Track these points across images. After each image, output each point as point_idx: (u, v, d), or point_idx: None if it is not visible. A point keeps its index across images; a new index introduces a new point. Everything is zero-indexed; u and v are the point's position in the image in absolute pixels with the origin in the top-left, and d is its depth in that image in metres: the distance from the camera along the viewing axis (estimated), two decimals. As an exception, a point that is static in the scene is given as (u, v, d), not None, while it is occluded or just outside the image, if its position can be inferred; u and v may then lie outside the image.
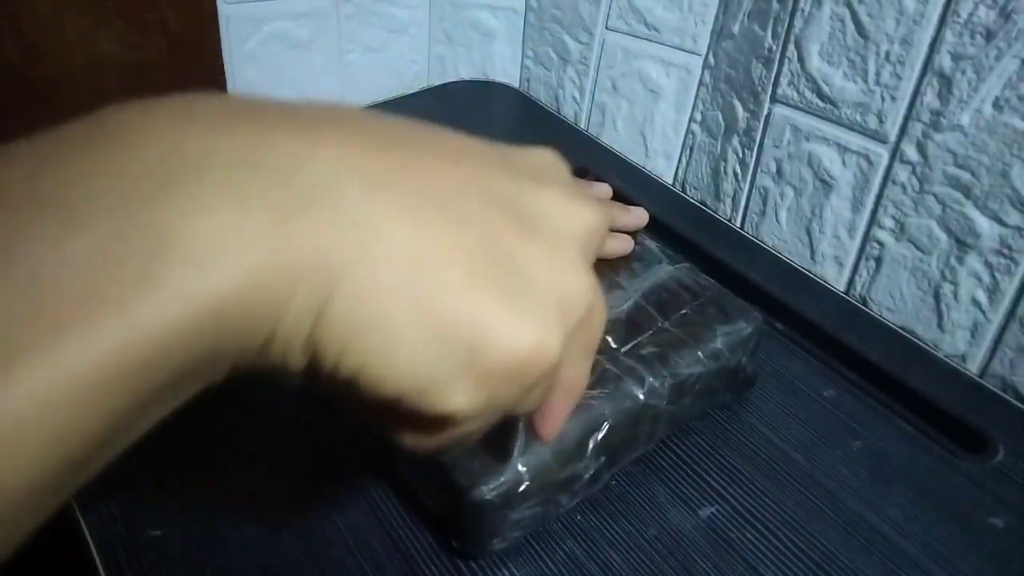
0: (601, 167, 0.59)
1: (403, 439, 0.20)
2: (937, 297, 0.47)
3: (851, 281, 0.51)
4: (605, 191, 0.44)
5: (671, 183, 0.61)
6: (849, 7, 0.46)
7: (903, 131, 0.46)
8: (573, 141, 0.64)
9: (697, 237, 0.52)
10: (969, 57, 0.42)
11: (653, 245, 0.42)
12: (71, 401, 0.14)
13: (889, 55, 0.45)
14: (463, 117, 0.65)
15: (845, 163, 0.49)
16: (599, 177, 0.57)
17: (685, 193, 0.60)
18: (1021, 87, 0.40)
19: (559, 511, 0.34)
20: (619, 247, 0.41)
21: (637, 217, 0.42)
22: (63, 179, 0.15)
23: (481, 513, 0.30)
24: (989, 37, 0.41)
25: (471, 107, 0.67)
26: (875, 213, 0.49)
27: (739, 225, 0.57)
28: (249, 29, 0.58)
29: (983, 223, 0.44)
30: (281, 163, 0.17)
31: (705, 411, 0.39)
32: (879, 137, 0.47)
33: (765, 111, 0.53)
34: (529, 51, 0.69)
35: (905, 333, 0.48)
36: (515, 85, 0.71)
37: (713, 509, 0.36)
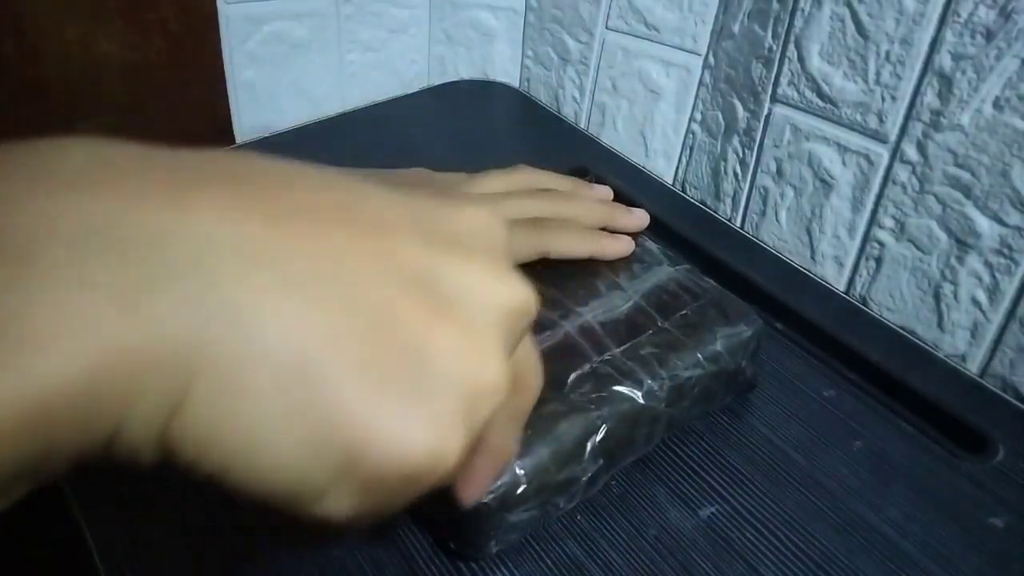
0: (601, 167, 0.59)
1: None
2: (937, 297, 0.47)
3: (851, 281, 0.51)
4: (606, 193, 0.44)
5: (671, 183, 0.61)
6: (849, 7, 0.46)
7: (903, 131, 0.46)
8: (573, 141, 0.64)
9: (697, 237, 0.52)
10: (969, 57, 0.42)
11: (654, 247, 0.42)
12: None
13: (889, 55, 0.45)
14: (463, 117, 0.65)
15: (845, 163, 0.49)
16: (599, 178, 0.57)
17: (685, 193, 0.60)
18: (1021, 87, 0.40)
19: (557, 514, 0.34)
20: (620, 248, 0.41)
21: (638, 219, 0.43)
22: None
23: (478, 516, 0.30)
24: (989, 37, 0.41)
25: (471, 107, 0.67)
26: (875, 213, 0.49)
27: (739, 225, 0.57)
28: (249, 29, 0.58)
29: (983, 223, 0.44)
30: (140, 234, 0.15)
31: (705, 413, 0.39)
32: (879, 137, 0.47)
33: (765, 111, 0.53)
34: (529, 51, 0.69)
35: (905, 333, 0.48)
36: (515, 85, 0.71)
37: (713, 509, 0.36)
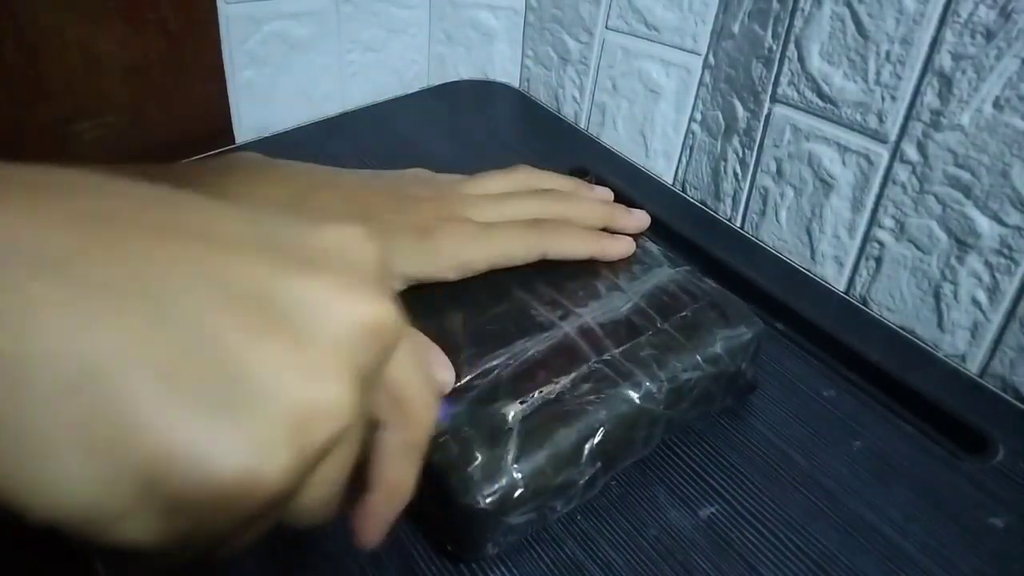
0: (601, 167, 0.59)
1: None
2: (937, 297, 0.47)
3: (851, 281, 0.51)
4: (606, 194, 0.44)
5: (671, 183, 0.61)
6: (849, 7, 0.46)
7: (903, 131, 0.46)
8: (573, 141, 0.64)
9: (697, 237, 0.52)
10: (969, 57, 0.42)
11: (654, 248, 0.42)
12: None
13: (889, 55, 0.45)
14: (463, 117, 0.65)
15: (845, 163, 0.49)
16: (600, 178, 0.57)
17: (685, 193, 0.60)
18: (1021, 87, 0.40)
19: (554, 516, 0.33)
20: (621, 249, 0.41)
21: (638, 219, 0.43)
22: None
23: (476, 519, 0.30)
24: (989, 37, 0.41)
25: (471, 107, 0.67)
26: (875, 213, 0.49)
27: (739, 225, 0.57)
28: (249, 29, 0.58)
29: (983, 223, 0.44)
30: None
31: (705, 415, 0.39)
32: (879, 137, 0.47)
33: (765, 111, 0.53)
34: (529, 51, 0.69)
35: (905, 333, 0.48)
36: (515, 85, 0.71)
37: (713, 509, 0.36)
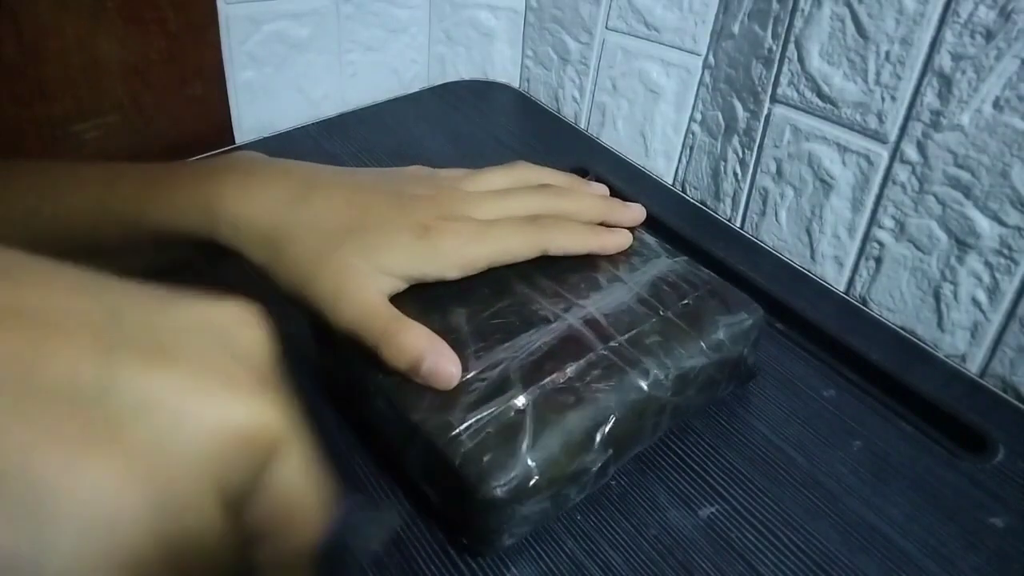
0: (601, 167, 0.59)
1: None
2: (937, 297, 0.47)
3: (851, 281, 0.51)
4: (602, 189, 0.44)
5: (671, 183, 0.61)
6: (849, 7, 0.46)
7: (903, 131, 0.46)
8: (573, 141, 0.64)
9: (697, 237, 0.52)
10: (969, 57, 0.42)
11: (651, 240, 0.43)
12: None
13: (889, 55, 0.45)
14: (463, 117, 0.65)
15: (845, 163, 0.49)
16: (600, 178, 0.57)
17: (685, 193, 0.60)
18: (1021, 87, 0.40)
19: (567, 505, 0.34)
20: (619, 242, 0.41)
21: (635, 213, 0.43)
22: None
23: (491, 509, 0.30)
24: (989, 37, 0.41)
25: (471, 107, 0.67)
26: (875, 213, 0.49)
27: (739, 225, 0.57)
28: (249, 29, 0.58)
29: (983, 223, 0.44)
30: None
31: (709, 402, 0.39)
32: (879, 137, 0.47)
33: (765, 111, 0.53)
34: (529, 51, 0.69)
35: (905, 333, 0.48)
36: (515, 85, 0.71)
37: (713, 509, 0.36)
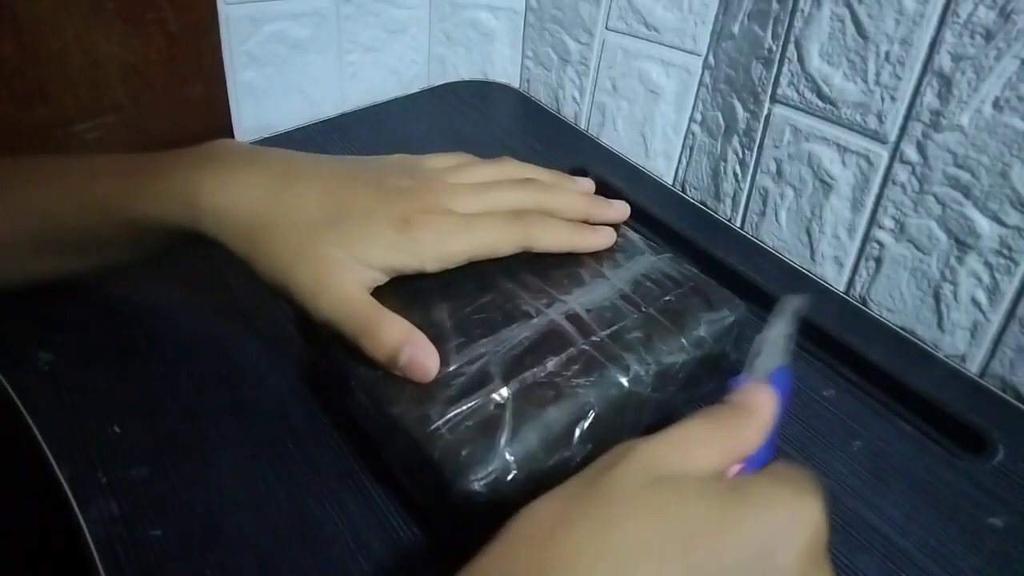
0: (601, 167, 0.59)
1: None
2: (937, 297, 0.47)
3: (851, 281, 0.51)
4: (588, 185, 0.44)
5: (671, 183, 0.61)
6: (849, 7, 0.46)
7: (903, 131, 0.46)
8: (573, 141, 0.64)
9: (697, 237, 0.52)
10: (969, 57, 0.42)
11: (635, 236, 0.43)
12: None
13: (889, 55, 0.45)
14: (463, 117, 0.65)
15: (845, 163, 0.49)
16: (600, 178, 0.57)
17: (685, 193, 0.60)
18: (1021, 87, 0.40)
19: None
20: (602, 241, 0.41)
21: (618, 210, 0.43)
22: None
23: (469, 502, 0.30)
24: (989, 37, 0.41)
25: (471, 107, 0.67)
26: (875, 213, 0.49)
27: (739, 225, 0.57)
28: (249, 29, 0.58)
29: (983, 223, 0.44)
30: None
31: (691, 399, 0.39)
32: (879, 137, 0.47)
33: (765, 111, 0.53)
34: (529, 51, 0.69)
35: (905, 333, 0.48)
36: (515, 85, 0.71)
37: (713, 509, 0.36)
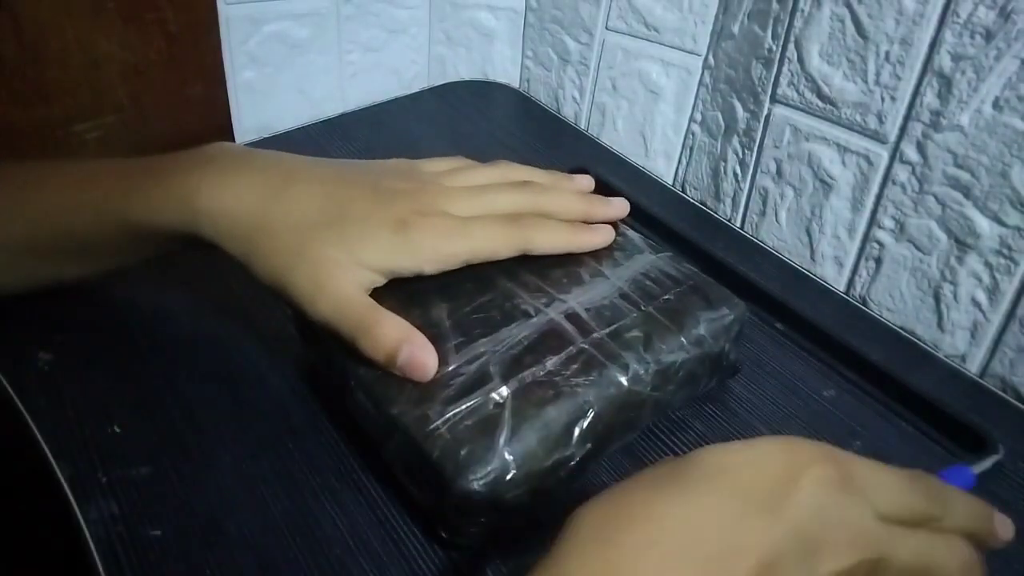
0: (601, 167, 0.59)
1: None
2: (937, 297, 0.47)
3: (851, 281, 0.51)
4: (587, 184, 0.43)
5: (671, 183, 0.61)
6: (849, 7, 0.46)
7: (903, 131, 0.46)
8: (573, 141, 0.64)
9: (697, 237, 0.52)
10: (969, 57, 0.42)
11: (635, 235, 0.43)
12: None
13: (889, 55, 0.45)
14: (463, 117, 0.65)
15: (845, 163, 0.49)
16: (600, 178, 0.57)
17: (685, 193, 0.60)
18: (1021, 87, 0.40)
19: (545, 500, 0.33)
20: (600, 240, 0.41)
21: (617, 208, 0.42)
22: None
23: (468, 502, 0.30)
24: (989, 37, 0.41)
25: (471, 107, 0.67)
26: (875, 213, 0.49)
27: (739, 225, 0.57)
28: (249, 29, 0.58)
29: (983, 223, 0.44)
30: None
31: (690, 398, 0.39)
32: (879, 137, 0.47)
33: (765, 111, 0.53)
34: (529, 51, 0.69)
35: (905, 333, 0.48)
36: (515, 85, 0.71)
37: (713, 509, 0.35)
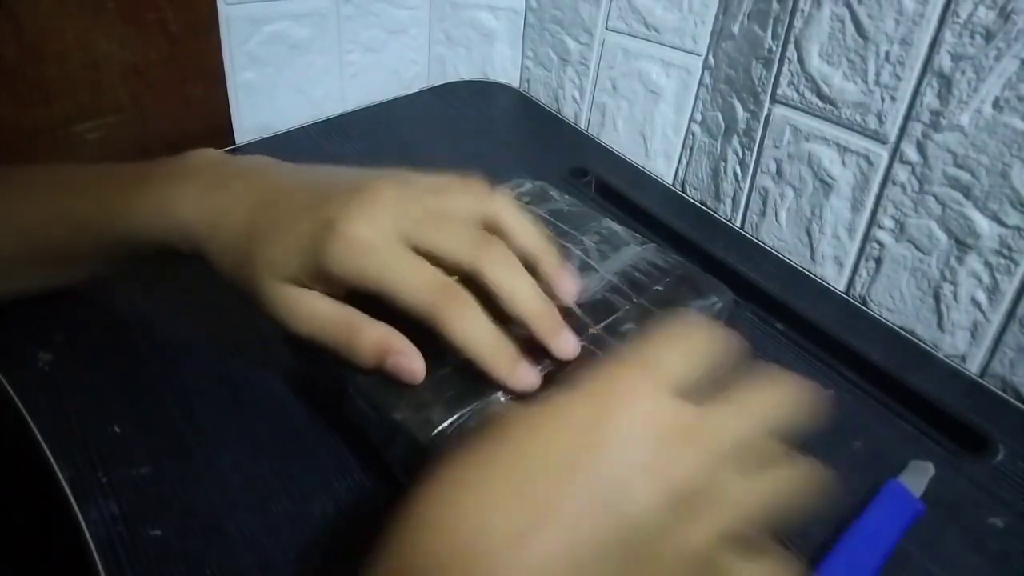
0: (601, 167, 0.59)
1: None
2: (937, 297, 0.47)
3: (851, 281, 0.51)
4: (570, 287, 0.34)
5: (671, 183, 0.61)
6: (849, 7, 0.46)
7: (903, 131, 0.46)
8: (573, 141, 0.64)
9: (697, 237, 0.52)
10: (969, 57, 0.42)
11: (618, 228, 0.43)
12: None
13: (889, 55, 0.45)
14: (463, 117, 0.65)
15: (845, 163, 0.49)
16: (600, 178, 0.57)
17: (685, 193, 0.60)
18: (1021, 87, 0.40)
19: None
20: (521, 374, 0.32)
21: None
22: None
23: None
24: (989, 37, 0.41)
25: (471, 107, 0.67)
26: (875, 213, 0.49)
27: (739, 225, 0.57)
28: (249, 29, 0.58)
29: (983, 223, 0.44)
30: None
31: None
32: (879, 137, 0.47)
33: (765, 111, 0.53)
34: (529, 51, 0.69)
35: (905, 333, 0.48)
36: (515, 85, 0.71)
37: (713, 509, 0.35)
